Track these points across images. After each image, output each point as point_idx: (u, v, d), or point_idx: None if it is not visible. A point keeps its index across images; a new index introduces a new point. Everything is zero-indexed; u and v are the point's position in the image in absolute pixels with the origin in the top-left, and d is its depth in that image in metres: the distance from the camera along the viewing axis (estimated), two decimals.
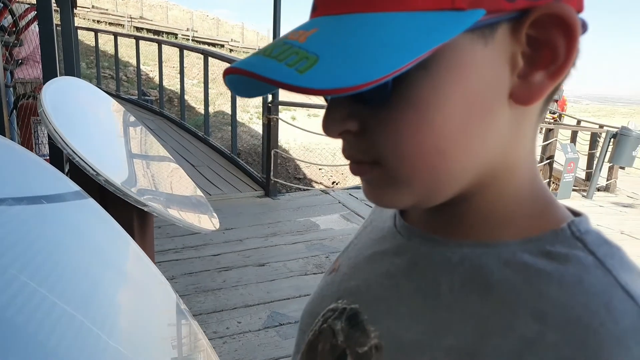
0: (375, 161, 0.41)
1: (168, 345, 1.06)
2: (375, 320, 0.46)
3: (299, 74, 0.33)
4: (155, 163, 2.25)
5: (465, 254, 0.43)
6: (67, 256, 0.93)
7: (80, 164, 1.23)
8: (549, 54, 0.37)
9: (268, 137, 5.39)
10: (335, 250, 3.95)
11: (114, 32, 10.49)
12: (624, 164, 7.64)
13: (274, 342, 2.71)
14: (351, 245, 0.61)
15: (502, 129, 0.40)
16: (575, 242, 0.40)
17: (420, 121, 0.37)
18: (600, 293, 0.36)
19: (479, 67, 0.37)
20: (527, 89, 0.38)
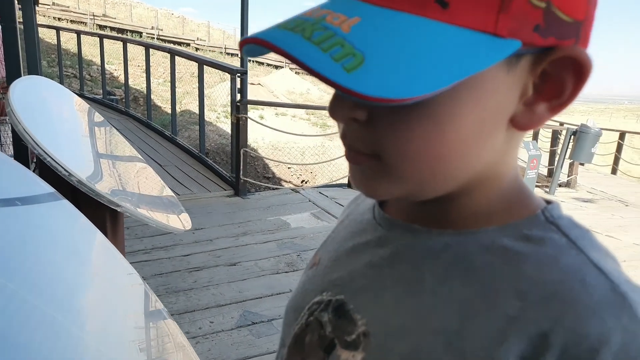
0: (375, 154, 0.42)
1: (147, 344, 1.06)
2: (361, 309, 0.48)
3: (346, 72, 0.32)
4: (124, 163, 2.23)
5: (447, 242, 0.45)
6: (45, 258, 0.93)
7: (52, 164, 1.22)
8: (555, 89, 0.40)
9: (237, 136, 5.37)
10: (306, 249, 3.96)
11: (77, 30, 10.26)
12: (584, 160, 7.85)
13: (247, 341, 2.72)
14: (329, 239, 0.63)
15: (497, 145, 0.43)
16: (550, 226, 0.43)
17: (434, 130, 0.39)
18: (575, 270, 0.39)
19: (497, 91, 0.39)
20: (528, 117, 0.41)
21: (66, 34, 11.35)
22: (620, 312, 0.37)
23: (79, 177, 1.26)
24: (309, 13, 0.37)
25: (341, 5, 0.37)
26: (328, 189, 5.94)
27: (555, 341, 0.37)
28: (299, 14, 0.38)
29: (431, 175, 0.42)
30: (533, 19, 0.36)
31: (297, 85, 19.57)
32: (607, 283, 0.38)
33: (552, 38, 0.37)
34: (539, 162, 7.47)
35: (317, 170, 11.10)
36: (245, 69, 5.40)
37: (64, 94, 2.12)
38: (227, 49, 25.69)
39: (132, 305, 1.20)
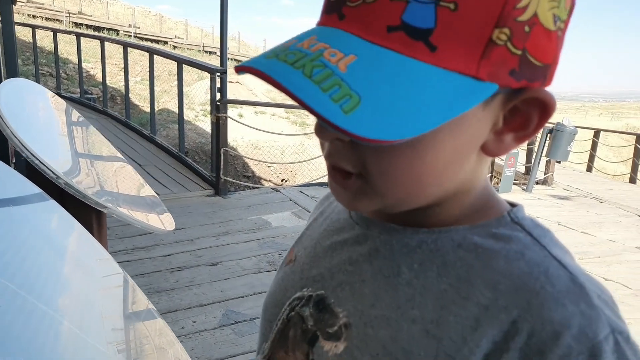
0: (360, 173, 0.45)
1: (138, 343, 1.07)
2: (342, 303, 0.51)
3: (344, 114, 0.35)
4: (106, 163, 2.23)
5: (422, 239, 0.49)
6: (32, 257, 0.94)
7: (40, 167, 1.22)
8: (522, 123, 0.44)
9: (217, 135, 5.36)
10: (288, 248, 3.93)
11: (54, 29, 10.11)
12: (560, 158, 7.99)
13: (231, 339, 2.73)
14: (304, 236, 0.65)
15: (469, 168, 0.47)
16: (515, 226, 0.48)
17: (413, 155, 0.43)
18: (539, 264, 0.44)
19: (472, 124, 0.43)
20: (497, 145, 0.45)
21: (40, 31, 11.16)
22: (579, 299, 0.42)
23: (66, 179, 1.27)
24: (306, 44, 0.39)
25: (336, 39, 0.39)
26: (308, 188, 5.96)
27: (523, 326, 0.41)
28: (294, 43, 0.40)
29: (409, 194, 0.46)
30: (510, 65, 0.40)
31: None
32: (567, 275, 0.43)
33: (524, 81, 0.41)
34: (517, 160, 7.60)
35: (296, 169, 11.12)
36: (225, 69, 5.39)
37: (45, 96, 2.11)
38: (205, 47, 25.53)
39: (122, 304, 1.21)
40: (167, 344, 1.30)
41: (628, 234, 5.83)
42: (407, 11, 0.37)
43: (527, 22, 0.39)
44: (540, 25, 0.39)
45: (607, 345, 0.40)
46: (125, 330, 1.13)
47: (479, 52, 0.38)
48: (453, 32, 0.37)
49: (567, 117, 8.56)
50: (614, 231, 5.92)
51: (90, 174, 1.78)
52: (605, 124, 31.62)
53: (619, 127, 29.14)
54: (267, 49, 0.42)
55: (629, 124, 39.28)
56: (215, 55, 24.25)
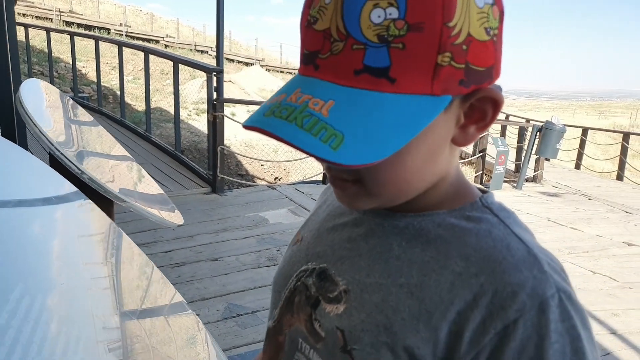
0: (357, 180, 0.56)
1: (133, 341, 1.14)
2: (341, 273, 0.62)
3: (332, 150, 0.45)
4: (118, 161, 2.30)
5: (409, 221, 0.60)
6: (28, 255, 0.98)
7: (66, 163, 1.30)
8: (480, 116, 0.55)
9: (214, 134, 5.44)
10: (286, 244, 4.07)
11: (47, 28, 10.10)
12: (549, 156, 8.13)
13: (234, 331, 2.81)
14: (310, 220, 0.77)
15: (445, 159, 0.58)
16: (485, 209, 0.59)
17: (395, 162, 0.52)
18: (502, 239, 0.55)
19: (438, 127, 0.53)
20: (463, 137, 0.56)
21: (32, 30, 11.13)
22: (532, 266, 0.52)
23: (90, 174, 1.35)
24: (294, 98, 0.49)
25: (316, 88, 0.50)
26: (304, 186, 6.05)
27: (488, 288, 0.52)
28: (284, 97, 0.50)
29: (399, 192, 0.57)
30: (457, 77, 0.49)
31: (269, 82, 19.58)
32: (525, 247, 0.54)
33: (473, 85, 0.51)
34: (507, 158, 7.72)
35: (290, 167, 11.18)
36: (221, 68, 5.47)
37: (56, 94, 2.18)
38: (197, 46, 25.50)
39: (114, 304, 1.26)
40: (158, 342, 1.35)
41: (615, 230, 5.97)
42: (367, 56, 0.47)
43: (464, 42, 0.48)
44: (475, 41, 0.49)
45: (552, 301, 0.50)
46: (116, 329, 1.17)
47: (429, 75, 0.48)
48: (405, 65, 0.47)
49: (555, 115, 8.69)
50: (601, 227, 6.06)
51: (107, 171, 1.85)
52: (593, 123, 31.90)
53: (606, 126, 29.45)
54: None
55: (615, 122, 39.66)
56: (207, 54, 24.22)
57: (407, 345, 0.54)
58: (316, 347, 0.62)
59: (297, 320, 0.65)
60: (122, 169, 2.24)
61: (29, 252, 0.99)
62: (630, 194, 8.71)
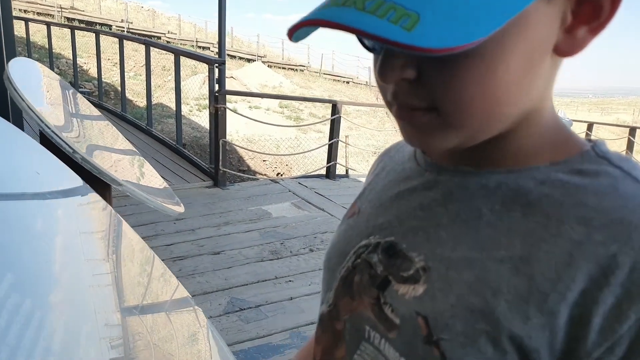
0: (431, 107, 0.43)
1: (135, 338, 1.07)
2: (416, 247, 0.49)
3: (406, 31, 0.34)
4: (115, 146, 2.22)
5: (500, 180, 0.47)
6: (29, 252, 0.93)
7: (58, 141, 1.21)
8: (592, 11, 0.41)
9: (216, 126, 5.35)
10: (289, 237, 3.98)
11: (47, 22, 10.03)
12: None
13: (237, 326, 2.73)
14: (367, 190, 0.64)
15: (544, 77, 0.44)
16: (601, 160, 0.45)
17: (485, 70, 0.40)
18: (634, 196, 0.42)
19: (539, 23, 0.40)
20: (570, 42, 0.42)
21: (33, 25, 11.06)
22: None
23: (83, 154, 1.26)
24: None
25: None
26: (307, 180, 5.97)
27: (623, 260, 0.39)
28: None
29: (487, 119, 0.44)
30: None
31: (270, 78, 19.50)
32: None
33: None
34: None
35: (292, 162, 11.10)
36: (223, 59, 5.37)
37: (52, 76, 2.09)
38: (199, 42, 25.43)
39: (116, 300, 1.20)
40: (159, 340, 1.29)
41: None
42: None
43: None
44: None
45: None
46: (118, 326, 1.12)
47: None
48: None
49: (562, 109, 8.59)
50: None
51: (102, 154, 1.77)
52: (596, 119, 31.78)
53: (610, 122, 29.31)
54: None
55: (619, 118, 39.49)
56: (208, 50, 24.14)
57: (514, 334, 0.41)
58: (388, 337, 0.49)
59: (361, 304, 0.53)
60: (122, 155, 2.15)
61: (26, 246, 0.93)
62: None
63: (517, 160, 0.48)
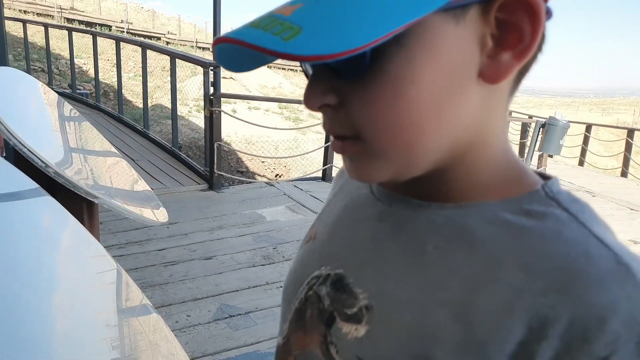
0: (356, 135, 0.43)
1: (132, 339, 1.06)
2: (362, 283, 0.48)
3: (283, 41, 0.34)
4: (100, 157, 2.20)
5: (448, 215, 0.46)
6: (35, 254, 0.92)
7: (28, 155, 1.20)
8: (515, 36, 0.40)
9: (210, 129, 5.34)
10: (282, 242, 3.97)
11: (45, 23, 10.03)
12: (553, 152, 8.00)
13: (225, 333, 2.72)
14: (325, 212, 0.63)
15: (473, 105, 0.43)
16: (550, 202, 0.44)
17: (395, 94, 0.40)
18: (578, 243, 0.40)
19: (450, 45, 0.39)
20: (495, 68, 0.41)
21: (32, 27, 11.05)
22: (625, 281, 0.37)
23: (55, 168, 1.25)
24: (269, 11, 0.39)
25: (293, 0, 0.39)
26: (303, 183, 5.95)
27: (563, 312, 0.37)
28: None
29: (411, 147, 0.42)
30: None
31: (270, 80, 19.49)
32: (610, 254, 0.39)
33: None
34: None
35: (290, 164, 11.09)
36: (217, 63, 5.36)
37: (37, 86, 2.08)
38: (198, 42, 25.41)
39: (116, 300, 1.20)
40: (161, 339, 1.29)
41: (620, 227, 5.85)
42: None
43: None
44: None
45: None
46: (119, 326, 1.12)
47: None
48: None
49: (559, 111, 8.58)
50: None
51: (83, 167, 1.76)
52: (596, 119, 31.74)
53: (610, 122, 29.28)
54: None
55: (619, 119, 39.42)
56: (208, 51, 24.11)
57: None
58: None
59: (311, 341, 0.52)
60: (105, 165, 2.14)
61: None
62: (634, 191, 8.58)
63: (467, 195, 0.47)
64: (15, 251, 0.95)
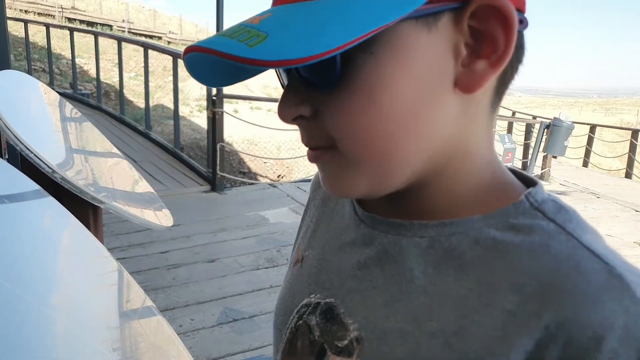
0: (330, 145, 0.42)
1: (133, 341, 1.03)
2: (352, 313, 0.47)
3: (249, 47, 0.34)
4: (103, 158, 2.18)
5: (433, 236, 0.44)
6: (30, 254, 0.90)
7: (35, 161, 1.17)
8: (490, 45, 0.39)
9: (213, 130, 5.31)
10: (286, 244, 3.94)
11: (46, 23, 10.02)
12: (557, 153, 7.97)
13: (229, 337, 2.69)
14: (309, 230, 0.61)
15: (450, 115, 0.41)
16: (535, 213, 0.42)
17: (368, 103, 0.39)
18: (568, 257, 0.38)
19: (422, 53, 0.38)
20: (470, 77, 0.40)
21: (33, 27, 11.05)
22: (620, 295, 0.36)
23: (62, 173, 1.22)
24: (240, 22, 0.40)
25: (263, 12, 0.40)
26: (306, 184, 5.92)
27: (558, 332, 0.36)
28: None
29: (387, 157, 0.41)
30: None
31: (272, 79, 19.46)
32: (603, 266, 0.38)
33: None
34: (514, 155, 7.59)
35: (293, 165, 11.06)
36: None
37: (38, 88, 2.06)
38: None
39: (118, 302, 1.17)
40: (163, 341, 1.26)
41: (625, 229, 5.83)
42: None
43: None
44: None
45: None
46: (120, 328, 1.10)
47: None
48: None
49: (563, 112, 8.55)
50: (611, 226, 5.91)
51: (85, 169, 1.73)
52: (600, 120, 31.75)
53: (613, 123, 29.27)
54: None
55: (623, 119, 39.43)
56: None
57: None
58: None
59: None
60: (107, 166, 2.11)
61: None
62: (639, 192, 8.55)
63: (449, 211, 0.45)
64: (16, 252, 0.94)
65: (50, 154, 1.47)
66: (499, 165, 0.47)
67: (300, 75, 0.41)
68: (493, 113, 0.45)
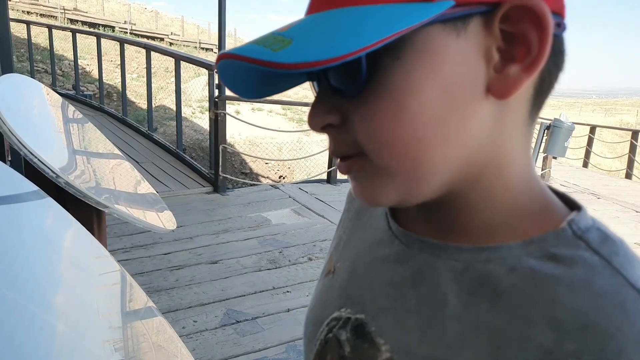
0: (360, 152, 0.42)
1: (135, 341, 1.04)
2: (384, 333, 0.46)
3: (272, 52, 0.35)
4: (104, 160, 2.19)
5: (468, 261, 0.42)
6: (30, 256, 0.91)
7: (40, 166, 1.19)
8: (523, 48, 0.38)
9: (215, 132, 5.32)
10: (288, 245, 3.95)
11: (49, 25, 10.03)
12: (558, 154, 7.96)
13: (232, 339, 2.70)
14: (342, 242, 0.60)
15: (484, 122, 0.40)
16: (578, 242, 0.39)
17: (396, 108, 0.38)
18: (611, 295, 0.36)
19: (451, 58, 0.38)
20: (502, 82, 0.38)
21: (35, 28, 11.06)
22: None
23: (66, 178, 1.24)
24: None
25: (295, 21, 0.40)
26: (308, 185, 5.93)
27: None
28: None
29: (416, 162, 0.40)
30: None
31: None
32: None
33: None
34: None
35: (294, 165, 11.08)
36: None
37: (41, 91, 2.07)
38: (202, 43, 25.43)
39: (120, 302, 1.18)
40: (165, 341, 1.27)
41: (626, 230, 5.82)
42: None
43: None
44: None
45: None
46: (122, 328, 1.10)
47: None
48: None
49: (564, 112, 8.54)
50: (612, 227, 5.83)
51: (87, 171, 1.75)
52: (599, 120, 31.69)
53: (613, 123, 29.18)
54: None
55: (622, 120, 39.33)
56: (212, 52, 24.14)
57: None
58: None
59: None
60: (109, 168, 2.13)
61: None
62: (639, 193, 8.55)
63: (485, 231, 0.43)
64: (17, 253, 0.95)
65: (53, 156, 1.48)
66: (539, 184, 0.44)
67: (329, 83, 0.41)
68: (530, 125, 0.43)
